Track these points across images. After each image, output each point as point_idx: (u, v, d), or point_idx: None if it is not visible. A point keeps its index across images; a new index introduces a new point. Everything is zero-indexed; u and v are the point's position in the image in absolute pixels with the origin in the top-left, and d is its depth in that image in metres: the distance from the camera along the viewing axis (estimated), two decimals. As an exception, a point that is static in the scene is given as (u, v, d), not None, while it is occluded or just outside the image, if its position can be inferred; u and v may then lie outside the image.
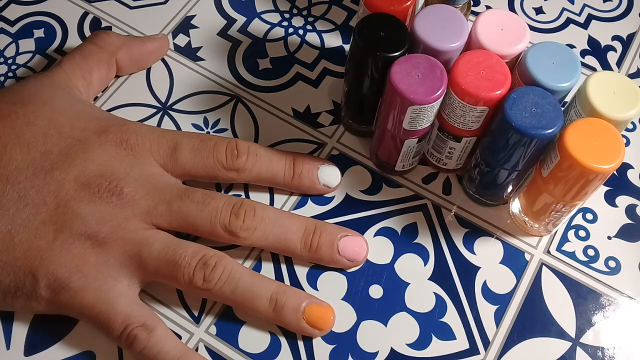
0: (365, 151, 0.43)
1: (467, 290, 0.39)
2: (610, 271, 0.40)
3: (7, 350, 0.36)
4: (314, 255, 0.38)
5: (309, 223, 0.38)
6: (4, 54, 0.45)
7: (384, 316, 0.38)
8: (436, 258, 0.39)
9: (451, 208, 0.41)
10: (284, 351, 0.36)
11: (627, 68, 0.47)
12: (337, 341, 0.37)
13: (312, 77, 0.45)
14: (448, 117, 0.37)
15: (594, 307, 0.39)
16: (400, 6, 0.37)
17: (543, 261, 0.40)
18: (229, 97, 0.44)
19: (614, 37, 0.48)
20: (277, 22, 0.48)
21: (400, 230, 0.40)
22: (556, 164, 0.34)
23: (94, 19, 0.47)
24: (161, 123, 0.43)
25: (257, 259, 0.39)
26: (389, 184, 0.42)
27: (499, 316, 0.38)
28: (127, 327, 0.34)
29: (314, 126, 0.43)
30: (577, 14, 0.49)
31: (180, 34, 0.47)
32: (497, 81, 0.34)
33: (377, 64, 0.35)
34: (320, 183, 0.40)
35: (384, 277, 0.39)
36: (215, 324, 0.37)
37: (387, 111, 0.36)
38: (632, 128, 0.45)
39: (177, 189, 0.37)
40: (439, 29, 0.36)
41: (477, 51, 0.35)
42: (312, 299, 0.37)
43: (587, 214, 0.41)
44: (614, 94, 0.34)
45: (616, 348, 0.37)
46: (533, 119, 0.33)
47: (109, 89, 0.44)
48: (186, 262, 0.35)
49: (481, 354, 0.37)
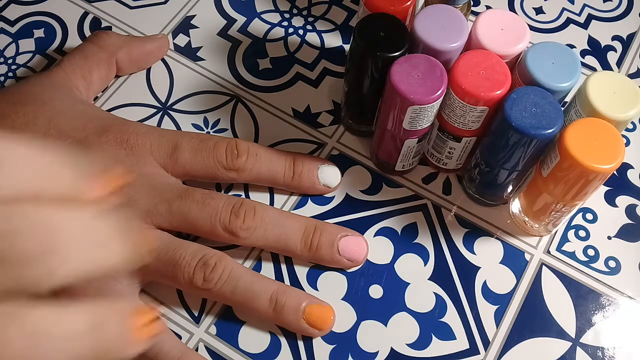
0: (365, 151, 0.43)
1: (467, 290, 0.39)
2: (610, 271, 0.40)
3: (7, 350, 0.36)
4: (314, 255, 0.38)
5: (309, 223, 0.38)
6: (4, 54, 0.45)
7: (384, 316, 0.38)
8: (436, 258, 0.39)
9: (451, 208, 0.41)
10: (284, 351, 0.36)
11: (627, 68, 0.47)
12: (337, 341, 0.37)
13: (312, 77, 0.45)
14: (448, 117, 0.37)
15: (594, 307, 0.39)
16: (400, 6, 0.37)
17: (543, 261, 0.40)
18: (229, 97, 0.44)
19: (614, 37, 0.48)
20: (277, 22, 0.48)
21: (400, 230, 0.40)
22: (556, 164, 0.34)
23: (94, 19, 0.47)
24: (161, 123, 0.43)
25: (257, 259, 0.39)
26: (389, 184, 0.42)
27: (499, 316, 0.38)
28: (127, 327, 0.34)
29: (314, 126, 0.43)
30: (577, 14, 0.49)
31: (180, 34, 0.47)
32: (497, 81, 0.34)
33: (377, 64, 0.35)
34: (320, 183, 0.40)
35: (384, 277, 0.39)
36: (215, 324, 0.37)
37: (387, 111, 0.36)
38: (632, 128, 0.45)
39: (177, 189, 0.37)
40: (439, 29, 0.36)
41: (477, 51, 0.35)
42: (312, 299, 0.37)
43: (587, 214, 0.41)
44: (614, 94, 0.34)
45: (616, 348, 0.37)
46: (533, 119, 0.33)
47: (109, 89, 0.44)
48: (186, 262, 0.35)
49: (481, 354, 0.37)
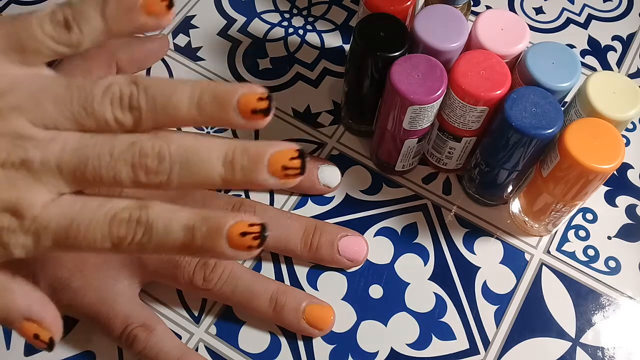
0: (365, 151, 0.43)
1: (467, 290, 0.39)
2: (610, 271, 0.40)
3: (7, 351, 0.36)
4: (314, 255, 0.38)
5: (309, 223, 0.38)
6: (4, 54, 0.45)
7: (384, 316, 0.38)
8: (436, 258, 0.39)
9: (451, 208, 0.41)
10: (284, 351, 0.36)
11: (627, 68, 0.47)
12: (337, 341, 0.37)
13: (312, 77, 0.45)
14: (448, 117, 0.37)
15: (594, 307, 0.39)
16: (400, 6, 0.37)
17: (543, 261, 0.40)
18: (229, 97, 0.44)
19: (614, 37, 0.48)
20: (277, 22, 0.48)
21: (400, 230, 0.40)
22: (556, 164, 0.34)
23: (94, 19, 0.47)
24: (161, 123, 0.43)
25: (257, 259, 0.39)
26: (389, 184, 0.42)
27: (499, 316, 0.38)
28: (127, 327, 0.34)
29: (314, 126, 0.43)
30: (577, 14, 0.49)
31: (180, 34, 0.47)
32: (497, 81, 0.34)
33: (377, 64, 0.35)
34: (320, 183, 0.40)
35: (384, 277, 0.39)
36: (215, 324, 0.37)
37: (387, 111, 0.36)
38: (632, 128, 0.45)
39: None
40: (439, 29, 0.36)
41: (477, 51, 0.35)
42: (312, 299, 0.37)
43: (587, 214, 0.41)
44: (614, 94, 0.34)
45: (616, 348, 0.37)
46: (533, 119, 0.33)
47: (109, 89, 0.44)
48: (186, 262, 0.35)
49: (481, 354, 0.37)
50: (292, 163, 0.24)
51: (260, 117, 0.24)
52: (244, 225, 0.24)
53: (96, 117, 0.24)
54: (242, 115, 0.24)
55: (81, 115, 0.24)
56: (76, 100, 0.24)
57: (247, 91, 0.24)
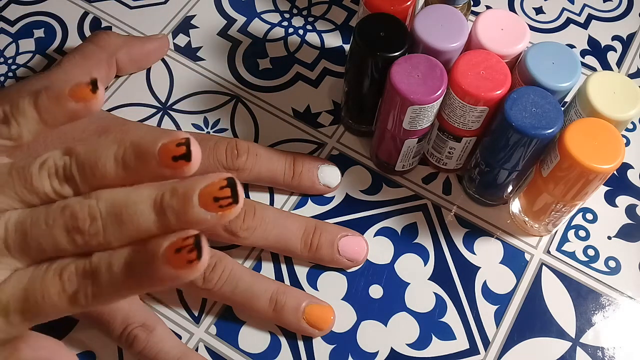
0: (365, 151, 0.43)
1: (467, 290, 0.39)
2: (610, 271, 0.40)
3: None
4: (314, 255, 0.38)
5: (309, 223, 0.38)
6: (4, 54, 0.45)
7: (384, 316, 0.38)
8: (436, 258, 0.39)
9: (451, 208, 0.41)
10: (284, 351, 0.36)
11: (627, 68, 0.47)
12: (337, 341, 0.37)
13: (312, 77, 0.45)
14: (448, 117, 0.37)
15: (594, 307, 0.39)
16: (400, 6, 0.37)
17: (543, 261, 0.40)
18: (229, 97, 0.44)
19: (614, 37, 0.48)
20: (277, 22, 0.48)
21: (400, 230, 0.40)
22: (556, 164, 0.34)
23: (94, 19, 0.47)
24: (161, 123, 0.43)
25: (257, 259, 0.39)
26: (389, 184, 0.42)
27: (499, 316, 0.38)
28: (127, 327, 0.34)
29: (314, 126, 0.43)
30: (577, 14, 0.49)
31: (180, 34, 0.47)
32: (497, 81, 0.34)
33: (377, 64, 0.35)
34: (320, 183, 0.40)
35: (384, 277, 0.39)
36: (215, 324, 0.37)
37: (387, 111, 0.36)
38: (632, 128, 0.45)
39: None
40: (439, 29, 0.36)
41: (477, 51, 0.35)
42: (312, 299, 0.37)
43: (587, 214, 0.41)
44: (614, 94, 0.34)
45: (616, 348, 0.37)
46: (533, 119, 0.33)
47: (109, 89, 0.44)
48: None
49: (481, 354, 0.37)
50: (222, 193, 0.23)
51: (182, 163, 0.24)
52: (178, 241, 0.23)
53: (37, 192, 0.25)
54: (164, 165, 0.24)
55: (24, 194, 0.25)
56: (17, 181, 0.25)
57: (167, 140, 0.24)
